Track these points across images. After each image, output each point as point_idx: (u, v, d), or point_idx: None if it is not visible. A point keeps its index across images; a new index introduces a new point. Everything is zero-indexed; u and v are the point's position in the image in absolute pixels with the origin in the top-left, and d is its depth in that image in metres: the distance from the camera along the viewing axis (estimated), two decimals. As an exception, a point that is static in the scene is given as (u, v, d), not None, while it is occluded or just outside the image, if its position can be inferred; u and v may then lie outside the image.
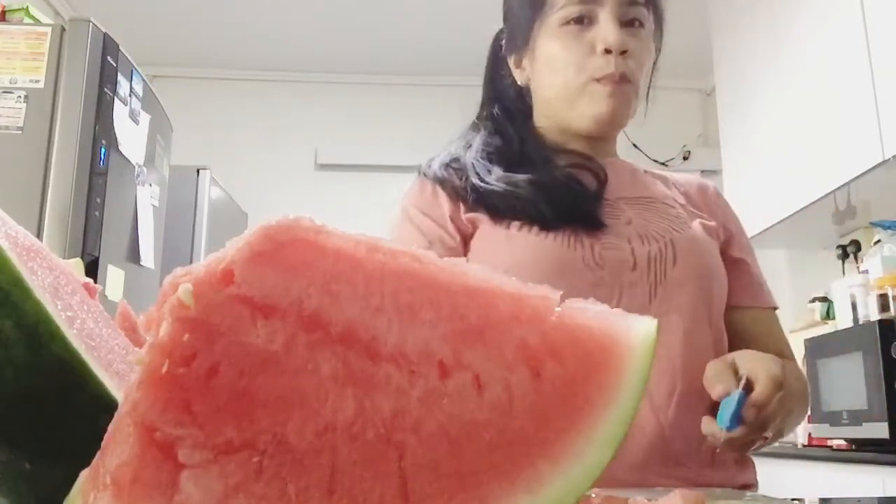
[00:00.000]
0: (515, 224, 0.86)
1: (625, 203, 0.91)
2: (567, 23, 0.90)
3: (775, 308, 0.99)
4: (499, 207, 0.88)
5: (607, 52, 0.88)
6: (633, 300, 0.83)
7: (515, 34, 0.98)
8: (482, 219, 0.89)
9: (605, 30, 0.88)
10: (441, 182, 0.93)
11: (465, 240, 0.90)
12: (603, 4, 0.89)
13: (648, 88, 1.00)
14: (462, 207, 0.91)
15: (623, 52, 0.88)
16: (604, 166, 0.94)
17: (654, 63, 0.99)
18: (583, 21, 0.90)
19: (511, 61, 1.00)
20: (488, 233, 0.88)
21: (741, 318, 0.95)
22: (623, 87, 0.89)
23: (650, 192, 0.95)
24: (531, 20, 0.95)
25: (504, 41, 1.02)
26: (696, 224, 0.92)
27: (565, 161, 0.93)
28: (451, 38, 3.67)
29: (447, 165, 0.95)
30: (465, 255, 0.90)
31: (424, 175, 0.96)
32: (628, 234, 0.87)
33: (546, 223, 0.85)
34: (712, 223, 0.95)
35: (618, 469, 0.76)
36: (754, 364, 0.75)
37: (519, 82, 0.99)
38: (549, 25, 0.92)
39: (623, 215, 0.89)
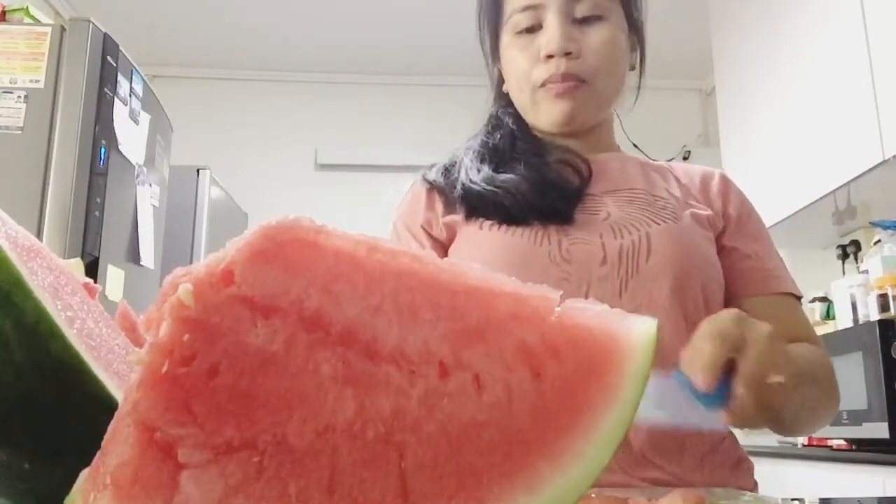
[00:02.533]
0: (487, 222, 0.87)
1: (609, 196, 0.90)
2: (519, 32, 0.91)
3: (787, 293, 0.90)
4: (474, 206, 0.89)
5: (549, 57, 0.88)
6: (602, 295, 0.81)
7: (488, 46, 1.00)
8: (458, 220, 0.90)
9: (547, 35, 0.88)
10: (429, 185, 0.95)
11: (442, 246, 0.92)
12: (547, 7, 0.89)
13: (640, 78, 0.98)
14: (441, 212, 0.92)
15: (567, 54, 0.87)
16: (592, 161, 0.93)
17: (641, 50, 0.97)
18: (534, 29, 0.90)
19: (499, 70, 1.01)
20: (463, 232, 0.90)
21: (745, 308, 0.88)
22: (574, 87, 0.88)
23: (638, 184, 0.92)
24: (494, 33, 0.97)
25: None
26: (685, 215, 0.89)
27: (555, 157, 0.92)
28: (451, 38, 3.66)
29: (444, 169, 0.96)
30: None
31: (423, 178, 0.98)
32: (602, 229, 0.85)
33: (514, 220, 0.85)
34: (706, 213, 0.91)
35: None
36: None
37: (504, 89, 1.00)
38: (506, 36, 0.94)
39: (603, 209, 0.88)
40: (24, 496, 0.31)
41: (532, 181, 0.87)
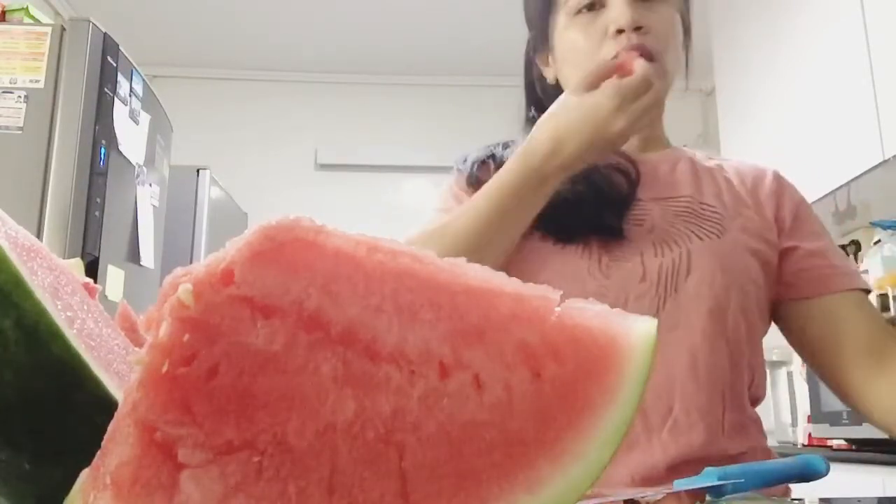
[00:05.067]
0: (535, 233, 0.85)
1: (655, 204, 0.88)
2: (579, 11, 0.87)
3: (858, 289, 0.87)
4: None
5: (619, 32, 0.83)
6: (639, 313, 0.78)
7: (536, 32, 0.97)
8: None
9: (616, 9, 0.84)
10: (469, 182, 0.93)
11: None
12: None
13: (687, 67, 0.95)
14: None
15: (638, 29, 0.83)
16: (641, 162, 0.90)
17: (688, 41, 0.95)
18: (594, 6, 0.86)
19: (539, 61, 0.97)
20: None
21: (814, 309, 0.87)
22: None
23: (686, 191, 0.90)
24: (546, 15, 0.93)
25: (530, 41, 1.00)
26: (733, 227, 0.86)
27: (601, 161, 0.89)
28: (451, 38, 3.67)
29: (481, 162, 0.94)
30: None
31: (458, 171, 0.95)
32: (643, 245, 0.83)
33: (565, 237, 0.84)
34: (756, 221, 0.88)
35: (601, 486, 0.71)
36: None
37: (549, 80, 0.96)
38: (562, 17, 0.90)
39: (648, 220, 0.86)
40: (24, 496, 0.31)
41: (580, 192, 0.85)
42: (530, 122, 0.99)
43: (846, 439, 2.16)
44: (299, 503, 0.25)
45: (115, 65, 1.96)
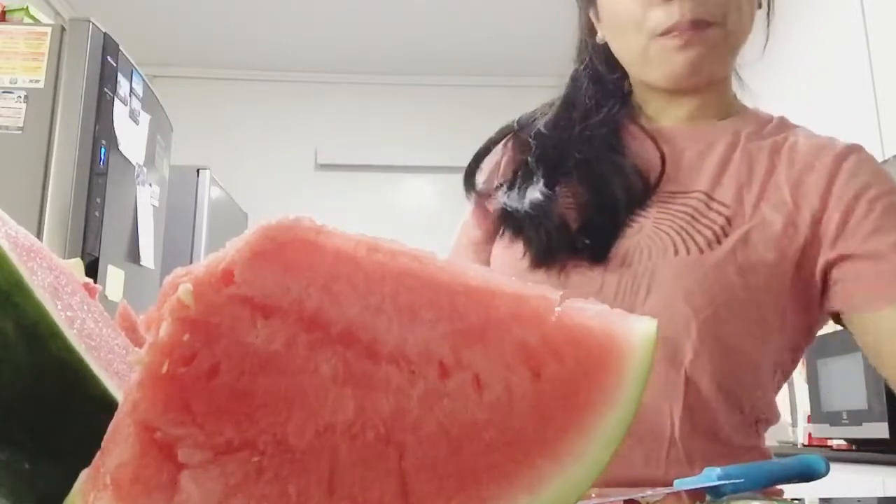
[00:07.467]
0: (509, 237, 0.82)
1: (661, 200, 0.77)
2: None
3: None
4: (503, 225, 0.83)
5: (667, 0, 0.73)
6: None
7: None
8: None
9: None
10: (466, 188, 0.88)
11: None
12: None
13: (769, 18, 0.85)
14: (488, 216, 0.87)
15: None
16: (673, 143, 0.81)
17: None
18: None
19: (591, 15, 0.86)
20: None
21: (863, 325, 0.73)
22: (701, 33, 0.74)
23: (702, 184, 0.78)
24: None
25: None
26: (738, 235, 0.73)
27: (629, 158, 0.80)
28: (452, 38, 3.67)
29: (473, 166, 0.89)
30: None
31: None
32: (616, 251, 0.75)
33: (540, 260, 0.78)
34: (776, 226, 0.74)
35: None
36: None
37: (598, 39, 0.86)
38: None
39: (639, 221, 0.76)
40: (24, 496, 0.31)
41: (574, 216, 0.77)
42: (573, 80, 0.89)
43: (846, 439, 2.16)
44: (299, 503, 0.25)
45: (115, 65, 1.96)
